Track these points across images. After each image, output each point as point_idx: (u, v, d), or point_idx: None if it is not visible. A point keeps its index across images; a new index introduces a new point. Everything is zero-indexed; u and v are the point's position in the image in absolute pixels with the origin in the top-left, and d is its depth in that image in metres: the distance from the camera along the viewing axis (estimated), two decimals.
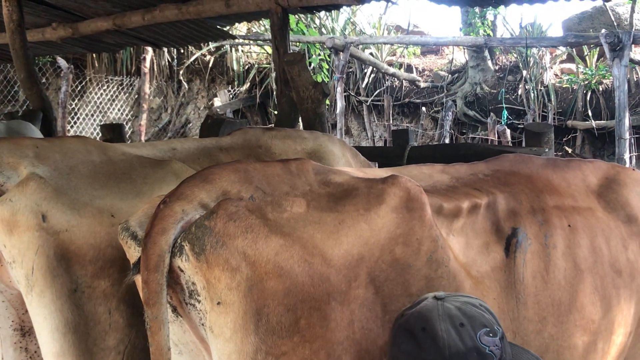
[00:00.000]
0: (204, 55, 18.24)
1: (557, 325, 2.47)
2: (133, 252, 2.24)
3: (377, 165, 5.74)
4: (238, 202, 2.10)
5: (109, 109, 17.72)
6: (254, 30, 17.93)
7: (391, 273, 2.19)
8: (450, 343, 1.99)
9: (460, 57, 17.21)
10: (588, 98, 14.24)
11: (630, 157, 11.59)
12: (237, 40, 16.73)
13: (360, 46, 16.32)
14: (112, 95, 17.82)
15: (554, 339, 2.46)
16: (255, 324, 2.01)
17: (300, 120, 5.97)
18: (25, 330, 2.72)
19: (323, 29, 17.66)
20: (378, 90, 16.88)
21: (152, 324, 2.06)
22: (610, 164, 3.09)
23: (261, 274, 2.02)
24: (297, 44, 16.54)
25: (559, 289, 2.50)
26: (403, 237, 2.22)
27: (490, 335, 2.02)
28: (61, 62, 16.20)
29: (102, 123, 16.17)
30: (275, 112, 12.68)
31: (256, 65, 18.02)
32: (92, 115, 17.41)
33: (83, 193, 2.59)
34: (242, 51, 18.32)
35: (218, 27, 8.69)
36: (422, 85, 16.67)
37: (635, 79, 13.97)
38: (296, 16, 15.46)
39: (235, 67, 18.14)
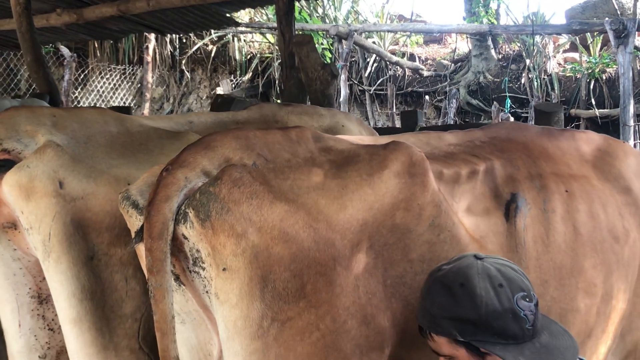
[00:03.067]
0: (206, 45, 18.08)
1: (559, 288, 2.44)
2: (134, 221, 2.16)
3: None
4: (242, 169, 2.03)
5: (111, 97, 17.62)
6: (257, 20, 17.94)
7: (390, 238, 2.14)
8: (487, 301, 1.97)
9: (463, 46, 16.99)
10: (591, 87, 13.87)
11: (635, 144, 11.59)
12: (239, 28, 16.67)
13: (364, 35, 16.36)
14: (114, 84, 17.70)
15: (556, 302, 2.44)
16: (261, 290, 1.96)
17: (308, 102, 5.86)
18: (42, 298, 2.71)
19: (326, 19, 17.61)
20: (381, 79, 16.57)
21: (156, 292, 2.00)
22: (603, 136, 3.07)
23: (267, 240, 1.96)
24: (301, 32, 16.57)
25: (560, 253, 2.48)
26: (405, 203, 2.17)
27: (527, 300, 2.01)
28: (64, 50, 16.07)
29: None
30: (278, 102, 12.72)
31: (258, 55, 17.83)
32: (95, 104, 17.30)
33: (100, 162, 2.59)
34: (245, 40, 18.09)
35: (222, 13, 8.75)
36: (425, 74, 16.47)
37: (639, 67, 14.04)
38: (299, 5, 15.49)
39: (237, 57, 17.91)
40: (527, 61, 14.81)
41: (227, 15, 8.87)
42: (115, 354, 2.52)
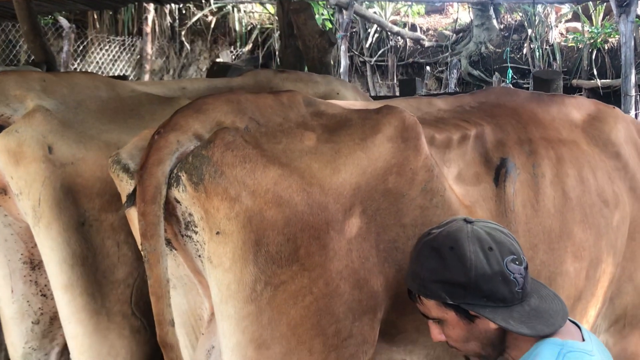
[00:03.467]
0: (206, 16, 17.88)
1: (548, 252, 2.43)
2: (125, 185, 2.14)
3: None
4: (234, 132, 2.01)
5: (111, 69, 17.49)
6: None
7: (383, 203, 2.13)
8: (477, 265, 1.97)
9: (464, 16, 16.79)
10: (593, 57, 13.69)
11: (636, 114, 11.55)
12: None
13: (364, 4, 16.21)
14: (114, 56, 17.54)
15: (545, 266, 2.44)
16: (255, 253, 1.95)
17: (306, 70, 5.82)
18: (34, 264, 2.70)
19: None
20: (382, 50, 16.33)
21: (150, 257, 1.98)
22: (593, 101, 3.06)
23: (260, 204, 1.94)
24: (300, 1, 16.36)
25: (549, 217, 2.47)
26: (397, 167, 2.16)
27: (517, 263, 2.01)
28: (63, 22, 15.88)
29: None
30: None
31: (258, 26, 17.66)
32: None
33: (90, 127, 2.56)
34: (245, 11, 18.02)
35: None
36: (427, 44, 16.27)
37: None
38: None
39: (237, 28, 17.74)
40: (529, 31, 14.66)
41: None
42: (107, 319, 2.51)
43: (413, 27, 16.59)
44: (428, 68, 15.60)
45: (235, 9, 17.49)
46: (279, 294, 2.00)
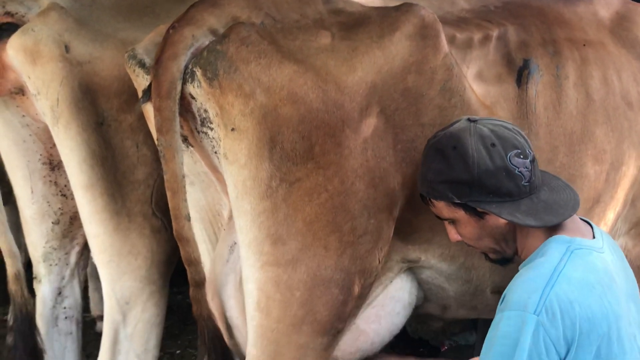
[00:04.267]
0: None
1: (568, 155, 2.43)
2: (141, 80, 2.14)
3: None
4: (250, 27, 1.99)
5: None
6: None
7: (402, 102, 2.12)
8: (479, 161, 1.98)
9: None
10: None
11: None
12: None
13: None
14: None
15: (565, 168, 2.43)
16: (270, 150, 1.97)
17: None
18: (54, 165, 2.74)
19: None
20: None
21: (166, 152, 2.01)
22: (622, 0, 2.95)
23: (275, 101, 1.95)
24: None
25: (571, 119, 2.45)
26: (416, 66, 2.13)
27: (521, 157, 2.01)
28: None
29: None
30: None
31: None
32: None
33: (106, 25, 2.53)
34: None
35: None
36: None
37: None
38: None
39: None
40: None
41: None
42: (128, 220, 2.56)
43: None
44: None
45: None
46: (295, 191, 2.02)
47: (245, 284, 2.13)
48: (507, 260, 2.21)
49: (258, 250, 2.06)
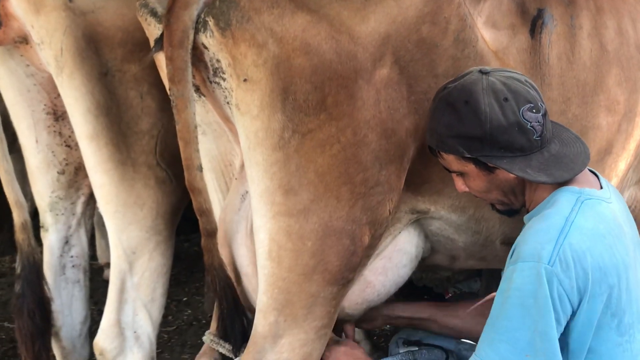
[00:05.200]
0: None
1: (581, 106, 2.42)
2: (153, 30, 2.13)
3: None
4: None
5: None
6: None
7: (417, 53, 2.11)
8: (492, 117, 1.98)
9: None
10: None
11: None
12: None
13: None
14: None
15: (577, 119, 2.43)
16: (282, 101, 1.97)
17: None
18: (58, 115, 2.75)
19: None
20: None
21: (178, 102, 2.02)
22: None
23: (288, 51, 1.94)
24: None
25: (584, 70, 2.44)
26: (431, 16, 2.12)
27: (534, 111, 2.01)
28: None
29: None
30: None
31: None
32: None
33: None
34: None
35: None
36: None
37: None
38: None
39: None
40: None
41: None
42: (133, 170, 2.57)
43: None
44: None
45: None
46: (307, 142, 2.03)
47: (256, 233, 2.16)
48: (515, 211, 2.24)
49: (270, 201, 2.08)
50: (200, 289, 4.74)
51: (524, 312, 1.94)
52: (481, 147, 2.02)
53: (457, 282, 3.88)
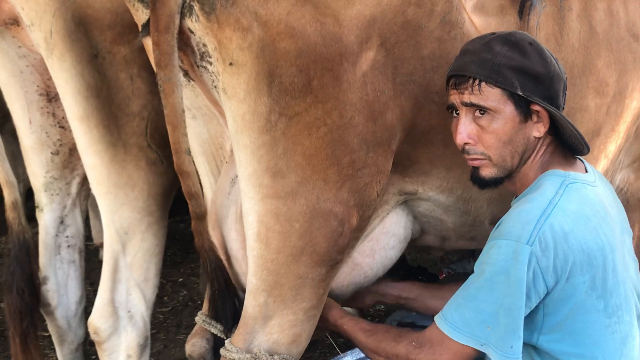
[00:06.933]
0: None
1: (569, 88, 2.38)
2: (140, 15, 2.15)
3: None
4: None
5: None
6: None
7: (402, 35, 2.12)
8: (553, 63, 2.08)
9: None
10: None
11: None
12: None
13: None
14: None
15: (565, 101, 2.37)
16: (268, 85, 1.99)
17: None
18: (51, 96, 2.78)
19: None
20: None
21: (166, 86, 2.04)
22: None
23: (273, 35, 1.96)
24: None
25: (573, 52, 2.46)
26: None
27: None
28: None
29: None
30: None
31: None
32: None
33: None
34: None
35: None
36: None
37: None
38: None
39: None
40: None
41: None
42: (124, 151, 2.61)
43: None
44: None
45: None
46: (294, 125, 2.06)
47: (245, 216, 2.19)
48: (498, 181, 2.16)
49: (258, 183, 2.12)
50: (196, 270, 4.79)
51: (493, 287, 2.01)
52: (535, 88, 2.04)
53: (451, 262, 3.90)
